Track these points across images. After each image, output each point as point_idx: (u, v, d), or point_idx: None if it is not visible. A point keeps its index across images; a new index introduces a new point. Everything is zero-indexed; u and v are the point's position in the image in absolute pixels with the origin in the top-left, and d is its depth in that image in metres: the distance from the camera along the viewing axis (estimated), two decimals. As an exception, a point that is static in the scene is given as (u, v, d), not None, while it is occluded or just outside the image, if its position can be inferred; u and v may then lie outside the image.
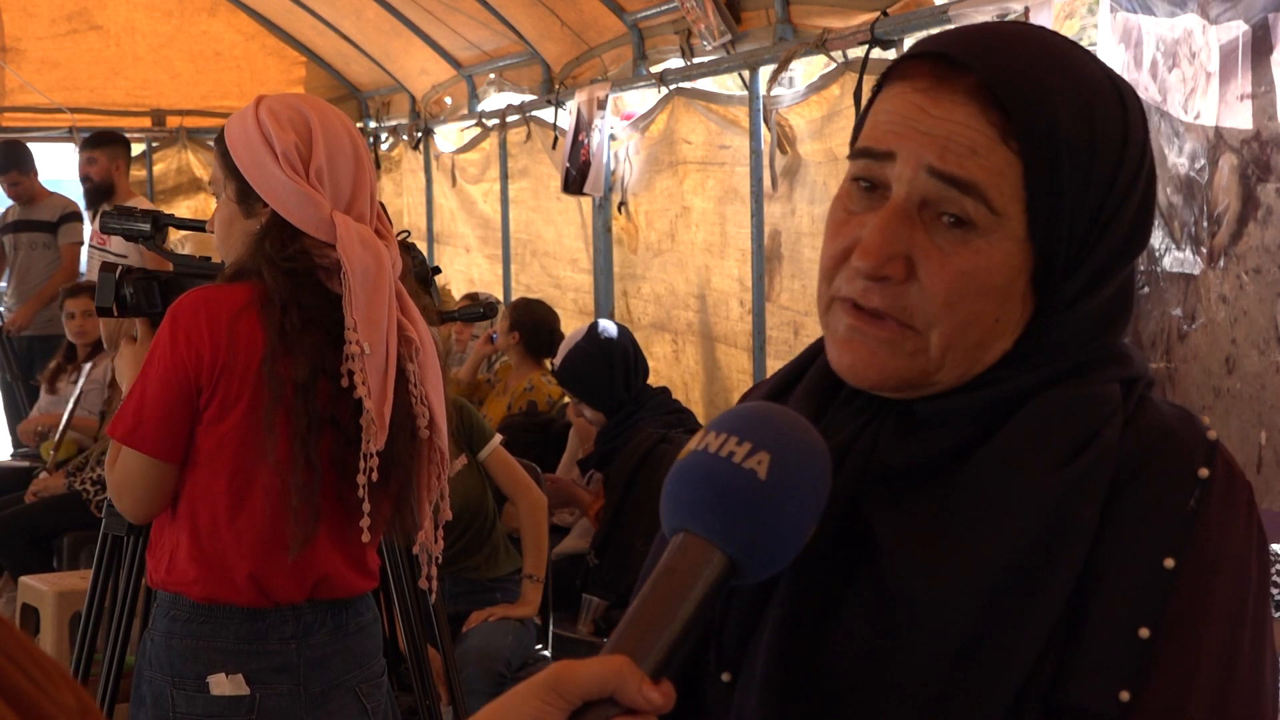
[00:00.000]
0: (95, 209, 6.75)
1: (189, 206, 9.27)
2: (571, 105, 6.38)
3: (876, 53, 4.15)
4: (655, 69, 5.89)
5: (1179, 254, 3.22)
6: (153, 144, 9.27)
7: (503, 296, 7.36)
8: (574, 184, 6.23)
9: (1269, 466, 2.98)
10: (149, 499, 2.36)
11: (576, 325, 5.23)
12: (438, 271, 3.74)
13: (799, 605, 1.04)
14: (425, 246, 8.53)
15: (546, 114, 6.86)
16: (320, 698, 2.40)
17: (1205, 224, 3.14)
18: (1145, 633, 0.98)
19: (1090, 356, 1.06)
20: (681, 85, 5.73)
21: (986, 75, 1.01)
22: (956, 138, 1.01)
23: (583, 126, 6.18)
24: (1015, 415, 1.03)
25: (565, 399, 5.31)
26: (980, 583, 0.99)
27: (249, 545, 2.34)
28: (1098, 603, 0.99)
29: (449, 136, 8.72)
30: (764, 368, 5.17)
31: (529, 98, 7.25)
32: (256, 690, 2.35)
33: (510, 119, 7.42)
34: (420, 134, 8.71)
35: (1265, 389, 2.98)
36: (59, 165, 9.55)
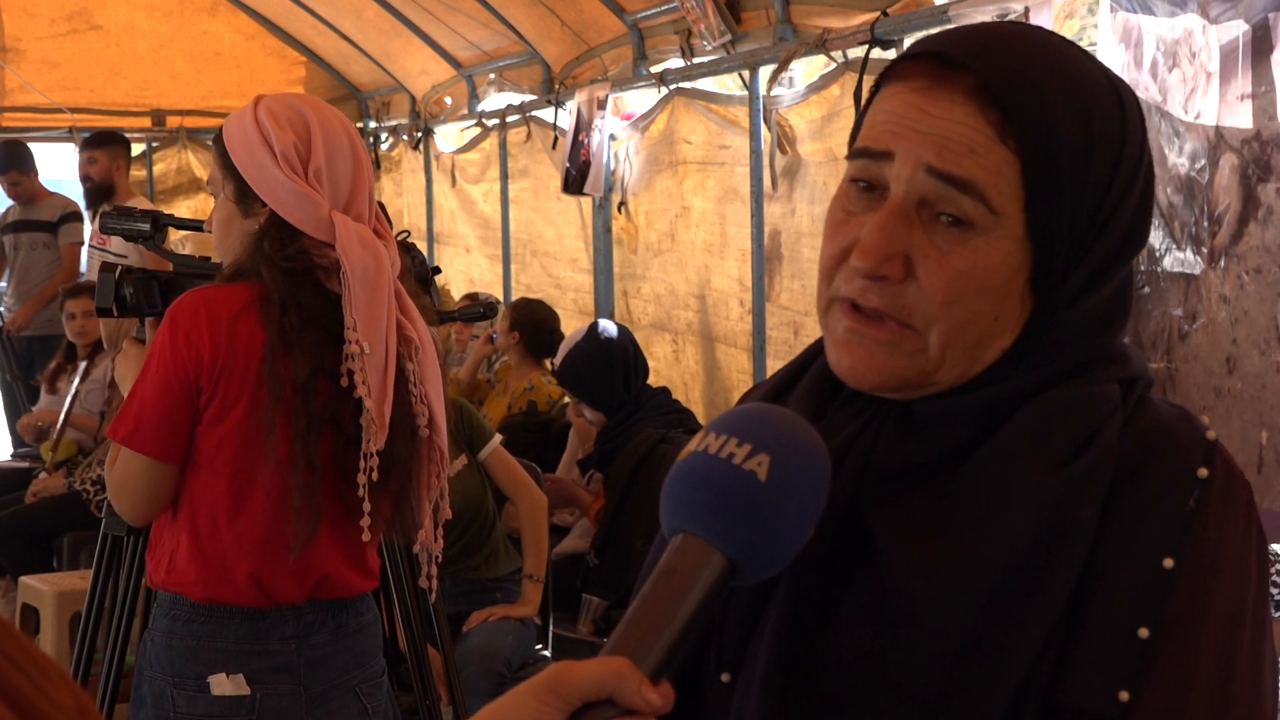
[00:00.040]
0: (95, 209, 6.75)
1: (189, 206, 9.27)
2: (571, 105, 6.38)
3: (876, 53, 4.14)
4: (655, 69, 5.88)
5: (1179, 254, 3.22)
6: (153, 144, 9.28)
7: (503, 296, 7.35)
8: (574, 184, 6.22)
9: (1269, 466, 2.98)
10: (149, 500, 2.36)
11: (576, 325, 5.23)
12: (438, 271, 3.74)
13: (799, 606, 1.05)
14: (425, 246, 8.52)
15: (546, 114, 6.86)
16: (321, 697, 2.40)
17: (1206, 224, 3.14)
18: (1144, 633, 0.98)
19: (1089, 356, 1.06)
20: (681, 85, 5.73)
21: (984, 74, 1.01)
22: (954, 137, 1.01)
23: (583, 126, 6.18)
24: (1014, 415, 1.03)
25: (565, 399, 5.31)
26: (980, 583, 0.99)
27: (250, 545, 2.34)
28: (1097, 603, 0.99)
29: (449, 136, 8.71)
30: (764, 368, 5.17)
31: (529, 98, 7.25)
32: (257, 690, 2.35)
33: (510, 119, 7.41)
34: (420, 134, 8.71)
35: (1266, 389, 2.98)
36: (59, 165, 9.55)
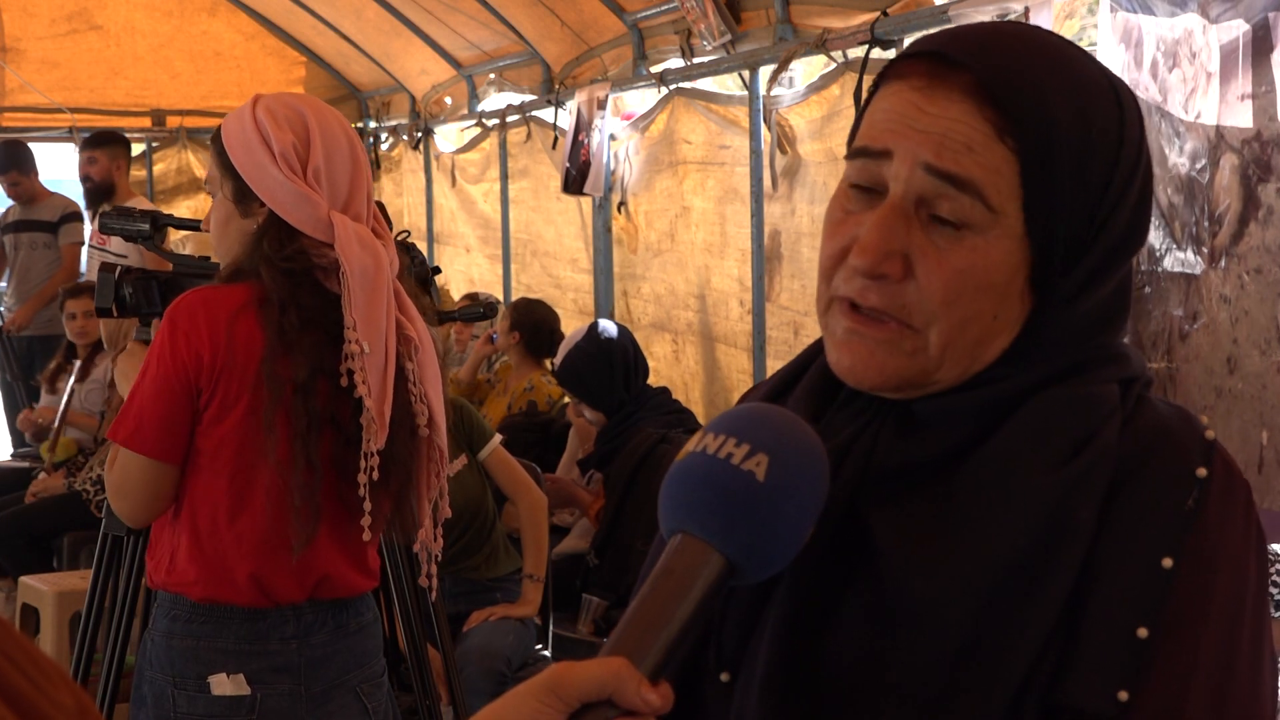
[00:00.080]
0: (95, 209, 6.75)
1: (189, 206, 9.27)
2: (571, 105, 6.38)
3: (876, 53, 4.14)
4: (655, 69, 5.88)
5: (1180, 254, 3.22)
6: (153, 144, 9.28)
7: (503, 296, 7.35)
8: (574, 184, 6.22)
9: (1270, 466, 2.98)
10: (149, 501, 2.36)
11: (576, 325, 5.23)
12: (438, 271, 3.74)
13: (798, 606, 1.04)
14: (425, 246, 8.52)
15: (546, 114, 6.85)
16: (321, 697, 2.40)
17: (1206, 224, 3.14)
18: (1143, 632, 0.98)
19: (1088, 356, 1.06)
20: (681, 85, 5.73)
21: (983, 73, 1.01)
22: (953, 135, 1.01)
23: (583, 126, 6.18)
24: (1014, 415, 1.03)
25: (565, 399, 5.31)
26: (979, 582, 0.99)
27: (250, 545, 2.34)
28: (1096, 602, 0.99)
29: (449, 136, 8.72)
30: (764, 368, 5.17)
31: (529, 98, 7.25)
32: (257, 690, 2.35)
33: (510, 119, 7.41)
34: (420, 134, 8.71)
35: (1266, 389, 2.98)
36: (59, 165, 9.55)
